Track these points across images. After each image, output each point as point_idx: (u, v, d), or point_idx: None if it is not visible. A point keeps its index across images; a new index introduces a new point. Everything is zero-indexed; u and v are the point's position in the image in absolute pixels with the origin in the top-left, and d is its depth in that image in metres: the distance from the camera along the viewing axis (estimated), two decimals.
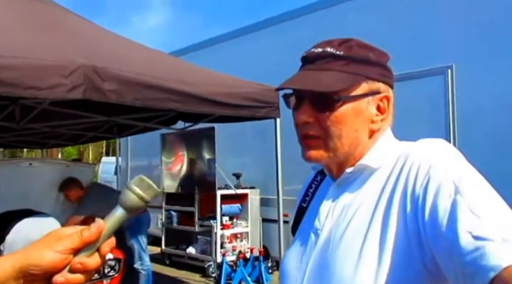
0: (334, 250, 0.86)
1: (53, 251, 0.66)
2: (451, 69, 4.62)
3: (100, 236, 0.68)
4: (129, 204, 0.70)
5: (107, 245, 0.70)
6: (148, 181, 0.72)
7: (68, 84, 3.15)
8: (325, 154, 0.89)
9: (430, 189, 0.76)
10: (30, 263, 0.65)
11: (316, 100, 0.88)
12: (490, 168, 4.59)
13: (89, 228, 0.68)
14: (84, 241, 0.67)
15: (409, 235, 0.77)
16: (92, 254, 0.68)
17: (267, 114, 4.55)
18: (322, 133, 0.88)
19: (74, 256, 0.67)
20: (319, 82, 0.86)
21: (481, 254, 0.64)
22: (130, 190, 0.71)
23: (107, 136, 7.34)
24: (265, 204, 6.52)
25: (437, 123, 4.67)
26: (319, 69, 0.88)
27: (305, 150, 0.91)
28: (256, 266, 5.88)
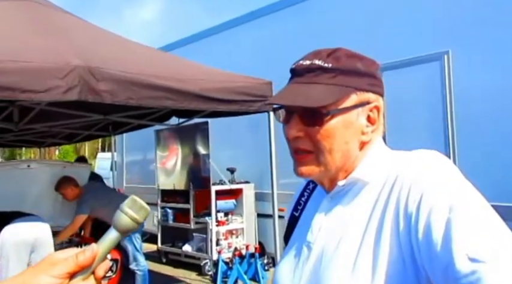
0: (326, 265, 0.85)
1: (49, 276, 0.67)
2: (447, 54, 4.57)
3: (95, 260, 0.70)
4: (122, 226, 0.71)
5: (102, 267, 0.71)
6: (140, 202, 0.72)
7: (64, 85, 3.17)
8: (317, 169, 0.88)
9: (423, 207, 0.74)
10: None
11: (305, 114, 0.87)
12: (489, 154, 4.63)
13: (84, 252, 0.69)
14: (79, 265, 0.68)
15: (403, 253, 0.75)
16: (88, 278, 0.70)
17: (260, 108, 4.56)
18: (312, 148, 0.87)
19: (70, 280, 0.69)
20: (308, 98, 0.85)
21: (477, 277, 0.63)
22: (123, 212, 0.71)
23: (102, 134, 7.36)
24: (260, 199, 6.51)
25: (434, 109, 4.63)
26: (308, 83, 0.87)
27: (297, 165, 0.90)
28: (252, 264, 5.87)
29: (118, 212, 0.72)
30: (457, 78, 4.51)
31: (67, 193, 4.67)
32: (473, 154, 4.33)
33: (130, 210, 0.71)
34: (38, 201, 4.40)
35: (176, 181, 6.70)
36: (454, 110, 4.52)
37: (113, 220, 0.72)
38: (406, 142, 4.76)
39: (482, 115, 4.32)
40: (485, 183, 4.01)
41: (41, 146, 8.87)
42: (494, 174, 4.17)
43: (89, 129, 6.74)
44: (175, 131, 6.64)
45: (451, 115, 4.53)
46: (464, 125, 4.44)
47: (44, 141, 8.02)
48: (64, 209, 4.76)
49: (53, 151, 31.47)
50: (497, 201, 3.83)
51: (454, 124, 4.53)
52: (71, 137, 7.58)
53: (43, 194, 4.60)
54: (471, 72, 4.42)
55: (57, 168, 4.68)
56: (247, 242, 6.33)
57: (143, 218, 0.72)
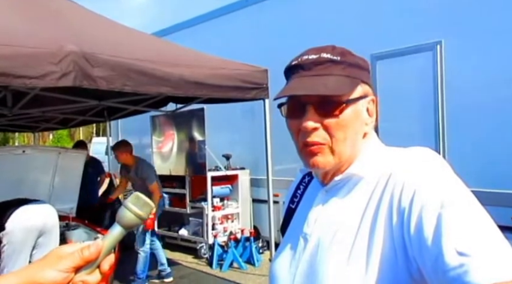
0: (322, 256, 0.87)
1: (55, 270, 0.69)
2: (440, 44, 4.57)
3: (100, 255, 0.71)
4: (126, 222, 0.73)
5: (107, 262, 0.73)
6: (144, 198, 0.74)
7: (58, 71, 3.15)
8: (332, 160, 0.88)
9: (415, 203, 0.76)
10: (35, 282, 0.69)
11: (321, 105, 0.86)
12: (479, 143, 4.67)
13: (89, 247, 0.71)
14: (85, 260, 0.70)
15: (395, 246, 0.78)
16: (93, 272, 0.72)
17: (256, 95, 4.57)
18: (327, 139, 0.87)
19: (76, 273, 0.70)
20: (327, 87, 0.85)
21: (465, 270, 0.65)
22: (127, 209, 0.73)
23: (96, 120, 7.34)
24: (255, 185, 6.57)
25: (426, 99, 4.64)
26: (319, 75, 0.87)
27: (308, 157, 0.89)
28: (247, 247, 5.97)
29: (122, 208, 0.73)
30: (449, 68, 4.52)
31: (121, 157, 5.21)
32: (463, 143, 4.38)
33: (134, 207, 0.73)
34: (34, 187, 4.41)
35: (172, 166, 6.72)
36: (445, 100, 4.54)
37: (117, 216, 0.73)
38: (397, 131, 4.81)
39: (473, 105, 4.34)
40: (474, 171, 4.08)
41: (35, 131, 8.84)
42: (483, 163, 4.22)
43: (84, 114, 6.71)
44: (171, 117, 6.64)
45: (442, 105, 4.55)
46: (455, 115, 4.47)
47: (38, 126, 8.00)
48: (59, 195, 4.77)
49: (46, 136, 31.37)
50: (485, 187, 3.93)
51: (444, 114, 4.55)
52: (65, 122, 7.56)
53: (38, 180, 4.60)
54: (463, 62, 4.43)
55: (52, 154, 4.68)
56: (243, 226, 6.40)
57: (147, 214, 0.73)
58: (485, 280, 0.62)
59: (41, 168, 4.58)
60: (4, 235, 3.27)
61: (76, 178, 4.81)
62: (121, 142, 5.38)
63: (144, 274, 5.04)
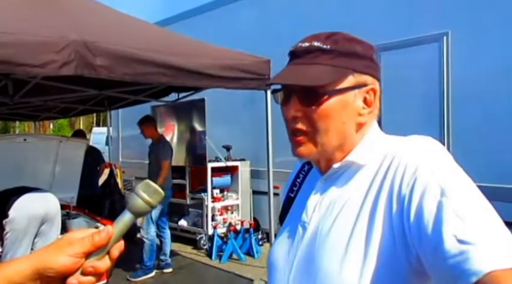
0: (320, 244, 0.87)
1: (66, 255, 0.69)
2: (446, 36, 4.52)
3: (110, 241, 0.71)
4: (137, 209, 0.73)
5: (117, 248, 0.72)
6: (154, 186, 0.73)
7: (60, 60, 3.14)
8: (314, 149, 0.89)
9: (416, 190, 0.76)
10: (46, 266, 0.69)
11: (303, 94, 0.87)
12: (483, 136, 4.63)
13: (99, 233, 0.71)
14: (95, 246, 0.70)
15: (395, 234, 0.78)
16: (103, 258, 0.72)
17: (258, 86, 4.55)
18: (310, 128, 0.88)
19: (86, 259, 0.71)
20: (306, 77, 0.86)
21: (464, 258, 0.64)
22: (138, 196, 0.73)
23: (97, 109, 7.34)
24: (256, 176, 6.57)
25: (431, 92, 4.61)
26: (307, 63, 0.88)
27: (294, 147, 0.91)
28: (247, 239, 5.98)
29: (133, 195, 0.73)
30: (455, 60, 4.48)
31: (148, 131, 5.37)
32: (467, 136, 4.36)
33: (144, 194, 0.72)
34: (35, 175, 4.42)
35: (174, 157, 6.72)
36: (451, 92, 4.50)
37: (128, 202, 0.73)
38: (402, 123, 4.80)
39: (480, 97, 4.30)
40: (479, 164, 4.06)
41: (36, 120, 8.85)
42: (489, 156, 4.21)
43: (85, 104, 6.70)
44: (172, 108, 6.63)
45: (448, 97, 4.52)
46: (460, 107, 4.43)
47: (39, 115, 8.00)
48: (60, 183, 4.78)
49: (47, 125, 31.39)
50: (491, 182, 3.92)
51: (450, 106, 4.52)
52: (66, 111, 7.55)
53: (39, 168, 4.62)
54: (470, 54, 4.39)
55: (53, 142, 4.68)
56: (242, 218, 6.41)
57: (157, 201, 0.73)
58: (485, 267, 0.62)
59: (42, 157, 4.60)
60: (7, 222, 3.30)
61: (77, 167, 4.83)
62: (145, 117, 5.49)
63: (151, 262, 5.10)
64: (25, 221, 3.40)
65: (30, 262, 0.70)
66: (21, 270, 0.69)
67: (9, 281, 0.68)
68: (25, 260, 0.70)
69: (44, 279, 0.69)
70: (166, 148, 5.29)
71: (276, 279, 0.95)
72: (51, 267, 0.69)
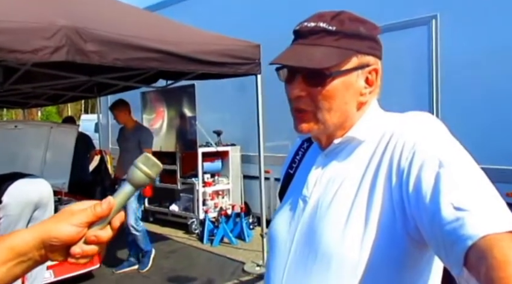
0: (322, 216, 0.90)
1: (70, 225, 0.72)
2: (435, 19, 4.52)
3: (111, 211, 0.75)
4: (136, 181, 0.76)
5: (118, 218, 0.76)
6: (153, 159, 0.77)
7: (51, 46, 3.15)
8: (316, 126, 0.92)
9: (414, 163, 0.80)
10: (50, 236, 0.71)
11: (308, 75, 0.90)
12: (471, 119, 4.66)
13: (101, 204, 0.74)
14: (97, 216, 0.73)
15: (394, 205, 0.82)
16: (104, 228, 0.75)
17: (248, 71, 4.59)
18: (313, 107, 0.91)
19: (88, 229, 0.74)
20: (312, 59, 0.87)
21: (460, 224, 0.67)
22: (137, 168, 0.76)
23: (87, 96, 7.31)
24: (246, 161, 6.62)
25: (420, 75, 4.62)
26: (312, 45, 0.89)
27: (297, 122, 0.94)
28: (238, 223, 6.07)
29: (132, 167, 0.76)
30: (444, 43, 4.50)
31: (120, 116, 4.94)
32: (456, 118, 4.42)
33: (144, 166, 0.75)
34: (26, 161, 4.43)
35: (163, 143, 6.74)
36: (440, 75, 4.53)
37: (128, 174, 0.77)
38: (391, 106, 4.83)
39: (468, 80, 4.34)
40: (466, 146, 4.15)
41: (25, 107, 8.78)
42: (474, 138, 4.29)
43: (74, 90, 6.67)
44: (162, 93, 6.62)
45: (436, 80, 4.55)
46: (448, 90, 4.47)
47: (28, 102, 7.94)
48: (52, 169, 4.80)
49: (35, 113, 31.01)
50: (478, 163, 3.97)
51: (439, 89, 4.55)
52: (55, 98, 7.50)
53: (31, 154, 4.62)
54: (458, 36, 4.40)
55: (44, 129, 4.69)
56: (233, 202, 6.49)
57: (156, 174, 0.76)
58: (479, 232, 0.65)
59: (33, 143, 4.60)
60: (0, 208, 3.32)
61: (68, 153, 4.84)
62: (118, 101, 4.99)
63: (149, 246, 4.92)
64: (18, 207, 3.42)
65: (35, 232, 0.72)
66: (26, 240, 0.71)
67: (14, 251, 0.70)
68: (30, 230, 0.73)
69: (48, 248, 0.72)
70: (148, 135, 4.94)
71: (278, 250, 0.99)
72: (56, 236, 0.71)
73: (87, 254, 0.73)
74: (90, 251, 0.73)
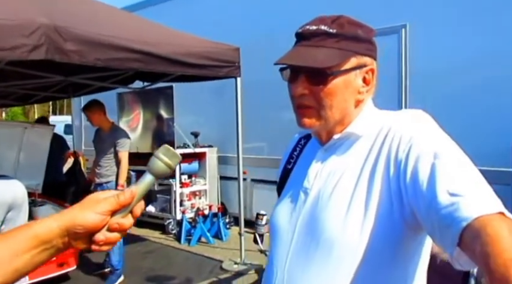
0: (323, 206, 0.96)
1: (94, 213, 0.74)
2: (405, 28, 4.70)
3: (133, 200, 0.77)
4: (157, 171, 0.79)
5: (139, 207, 0.79)
6: (172, 150, 0.80)
7: (30, 44, 3.11)
8: (318, 122, 0.99)
9: (411, 155, 0.86)
10: (75, 224, 0.73)
11: (311, 74, 0.96)
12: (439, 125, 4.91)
13: (124, 193, 0.77)
14: (120, 204, 0.76)
15: (392, 194, 0.89)
16: (126, 216, 0.78)
17: (228, 74, 4.65)
18: (315, 104, 0.97)
19: (111, 217, 0.76)
20: (315, 59, 0.94)
21: (455, 208, 0.73)
22: (158, 159, 0.79)
23: (60, 96, 7.17)
24: (223, 162, 6.67)
25: (390, 80, 4.76)
26: (314, 46, 0.96)
27: (300, 118, 1.00)
28: (215, 223, 6.10)
29: (153, 158, 0.79)
30: (413, 50, 4.69)
31: (94, 118, 4.64)
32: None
33: (164, 157, 0.79)
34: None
35: (140, 144, 6.70)
36: (409, 81, 4.72)
37: (149, 165, 0.80)
38: None
39: (435, 86, 4.53)
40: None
41: None
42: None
43: (46, 91, 6.52)
44: (139, 95, 6.59)
45: (405, 85, 4.74)
46: (416, 95, 4.64)
47: None
48: (25, 170, 4.71)
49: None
50: None
51: (407, 94, 4.74)
52: (25, 98, 7.28)
53: (4, 155, 4.53)
54: (427, 45, 4.60)
55: (18, 129, 4.60)
56: (210, 203, 6.52)
57: (175, 164, 0.80)
58: (473, 214, 0.71)
59: (6, 143, 4.52)
60: None
61: (42, 154, 4.77)
62: (92, 102, 4.69)
63: (120, 264, 4.56)
64: None
65: (60, 220, 0.74)
66: (51, 228, 0.73)
67: (38, 239, 0.72)
68: (54, 218, 0.75)
69: (72, 236, 0.74)
70: (125, 137, 4.70)
71: (280, 239, 1.04)
72: (81, 224, 0.73)
73: (110, 241, 0.76)
74: (113, 238, 0.76)
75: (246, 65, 4.78)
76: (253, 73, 5.20)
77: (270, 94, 6.07)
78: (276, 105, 6.20)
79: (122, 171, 4.54)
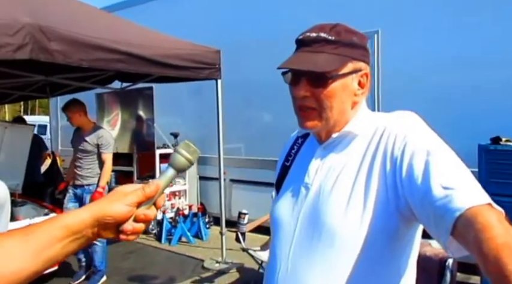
0: (325, 200, 1.04)
1: (122, 204, 0.79)
2: (377, 33, 4.89)
3: (157, 192, 0.83)
4: (179, 166, 0.86)
5: (162, 199, 0.85)
6: (193, 146, 0.87)
7: (15, 43, 3.12)
8: (319, 123, 1.06)
9: (406, 153, 0.94)
10: (105, 214, 0.78)
11: (312, 78, 1.03)
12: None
13: (149, 185, 0.83)
14: (146, 196, 0.81)
15: (388, 189, 0.96)
16: (150, 207, 0.83)
17: (209, 76, 4.72)
18: (316, 105, 1.05)
19: (137, 209, 0.81)
20: (316, 64, 1.01)
21: (449, 199, 0.81)
22: (180, 154, 0.86)
23: (37, 96, 7.09)
24: (202, 163, 6.71)
25: None
26: (315, 52, 1.03)
27: (302, 120, 1.08)
28: (195, 222, 6.15)
29: (175, 154, 0.86)
30: (385, 55, 4.90)
31: (75, 118, 4.49)
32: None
33: (185, 152, 0.86)
34: None
35: (119, 144, 6.67)
36: (381, 84, 4.92)
37: (171, 160, 0.87)
38: None
39: (405, 89, 4.73)
40: None
41: None
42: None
43: (23, 90, 6.45)
44: (119, 95, 6.58)
45: (378, 88, 4.93)
46: (388, 97, 4.85)
47: None
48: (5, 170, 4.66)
49: None
50: None
51: (379, 96, 4.93)
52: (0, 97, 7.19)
53: None
54: (397, 49, 4.83)
55: None
56: (190, 203, 6.56)
57: (195, 159, 0.87)
58: (465, 204, 0.79)
59: None
60: None
61: (22, 154, 4.73)
62: (72, 101, 4.55)
63: (103, 265, 4.52)
64: None
65: (90, 211, 0.79)
66: (82, 219, 0.78)
67: (70, 229, 0.76)
68: (85, 210, 0.80)
69: (102, 226, 0.79)
70: (109, 138, 4.59)
71: (282, 231, 1.11)
72: (110, 215, 0.78)
73: (136, 231, 0.81)
74: (139, 228, 0.81)
75: (226, 65, 4.86)
76: (232, 75, 5.28)
77: (248, 95, 6.19)
78: (254, 107, 6.34)
79: (105, 173, 4.47)
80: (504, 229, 0.74)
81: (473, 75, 4.37)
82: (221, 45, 4.86)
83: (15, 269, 0.71)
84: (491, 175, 3.76)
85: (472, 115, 4.30)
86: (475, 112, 4.29)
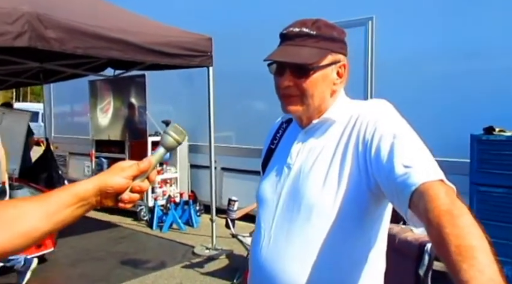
0: (304, 178, 1.16)
1: (121, 177, 0.92)
2: (371, 20, 4.88)
3: (150, 167, 0.96)
4: (168, 145, 0.99)
5: (154, 174, 0.98)
6: (180, 128, 1.00)
7: (14, 31, 3.21)
8: (301, 108, 1.17)
9: (375, 136, 1.06)
10: (107, 185, 0.91)
11: (295, 69, 1.14)
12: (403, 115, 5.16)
13: (143, 162, 0.96)
14: (140, 171, 0.94)
15: (360, 168, 1.08)
16: (144, 180, 0.96)
17: (201, 63, 4.81)
18: (299, 93, 1.15)
19: (133, 181, 0.94)
20: (299, 57, 1.12)
21: (407, 176, 0.93)
22: (169, 135, 0.99)
23: (31, 82, 7.14)
24: (193, 151, 6.81)
25: (357, 71, 4.87)
26: (298, 45, 1.13)
27: (285, 104, 1.18)
28: (186, 210, 6.27)
29: (165, 135, 1.00)
30: (379, 42, 4.90)
31: None
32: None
33: (173, 133, 0.99)
34: None
35: (111, 132, 6.76)
36: (375, 71, 4.92)
37: (161, 140, 1.00)
38: None
39: (400, 76, 4.73)
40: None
41: None
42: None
43: (18, 76, 6.51)
44: (111, 82, 6.63)
45: (371, 76, 4.94)
46: (382, 85, 4.85)
47: None
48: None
49: None
50: None
51: (373, 84, 4.94)
52: None
53: None
54: (392, 36, 4.81)
55: None
56: (181, 190, 6.68)
57: (183, 140, 1.01)
58: (419, 180, 0.91)
59: None
60: None
61: (20, 139, 4.82)
62: None
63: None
64: None
65: (95, 182, 0.93)
66: (88, 188, 0.90)
67: (78, 196, 0.89)
68: (90, 181, 0.94)
69: (104, 195, 0.92)
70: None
71: (266, 206, 1.24)
72: (111, 185, 0.91)
73: (132, 200, 0.94)
74: (135, 198, 0.95)
75: (217, 54, 4.92)
76: (223, 64, 5.33)
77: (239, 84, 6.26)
78: (245, 96, 6.41)
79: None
80: (449, 200, 0.85)
81: (467, 65, 4.36)
82: (214, 32, 4.91)
83: (30, 228, 0.83)
84: (483, 165, 3.75)
85: (465, 106, 4.29)
86: (468, 104, 4.27)
